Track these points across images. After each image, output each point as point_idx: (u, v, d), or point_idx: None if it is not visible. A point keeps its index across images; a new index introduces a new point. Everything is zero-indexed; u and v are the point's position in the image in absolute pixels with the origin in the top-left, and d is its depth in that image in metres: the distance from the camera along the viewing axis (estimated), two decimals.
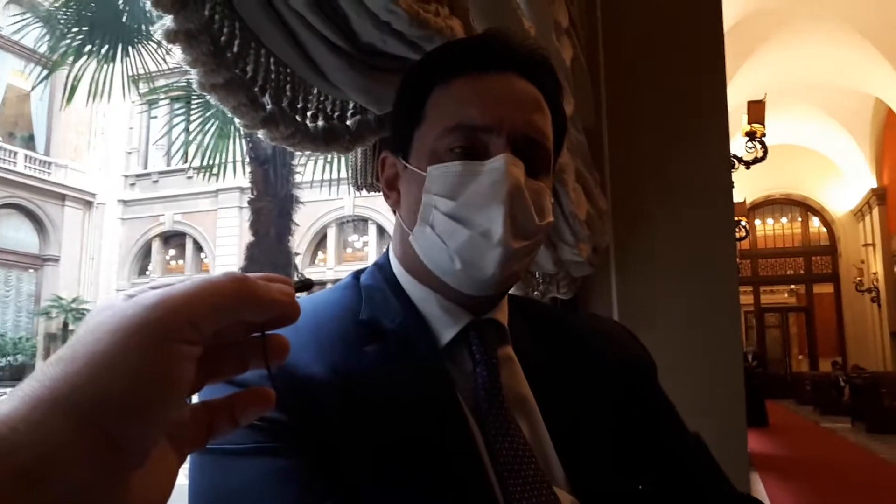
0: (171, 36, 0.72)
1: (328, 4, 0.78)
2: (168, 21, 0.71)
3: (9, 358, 19.54)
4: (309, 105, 0.89)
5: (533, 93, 0.76)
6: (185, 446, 0.41)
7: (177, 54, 0.75)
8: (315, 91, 0.90)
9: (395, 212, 0.80)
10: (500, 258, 0.69)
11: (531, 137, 0.73)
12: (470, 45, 0.80)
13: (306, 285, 0.48)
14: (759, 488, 6.25)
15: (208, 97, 0.80)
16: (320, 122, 0.91)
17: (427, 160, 0.73)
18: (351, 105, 0.95)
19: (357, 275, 0.82)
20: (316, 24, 0.78)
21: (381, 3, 0.76)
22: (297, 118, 0.87)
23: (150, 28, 8.07)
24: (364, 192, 1.23)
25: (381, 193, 0.83)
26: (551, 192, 0.78)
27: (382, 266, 0.81)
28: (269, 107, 0.83)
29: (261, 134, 0.84)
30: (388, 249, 0.84)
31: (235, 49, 0.78)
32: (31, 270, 21.21)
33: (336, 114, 0.93)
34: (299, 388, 0.64)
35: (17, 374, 19.89)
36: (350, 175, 1.22)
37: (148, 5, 0.70)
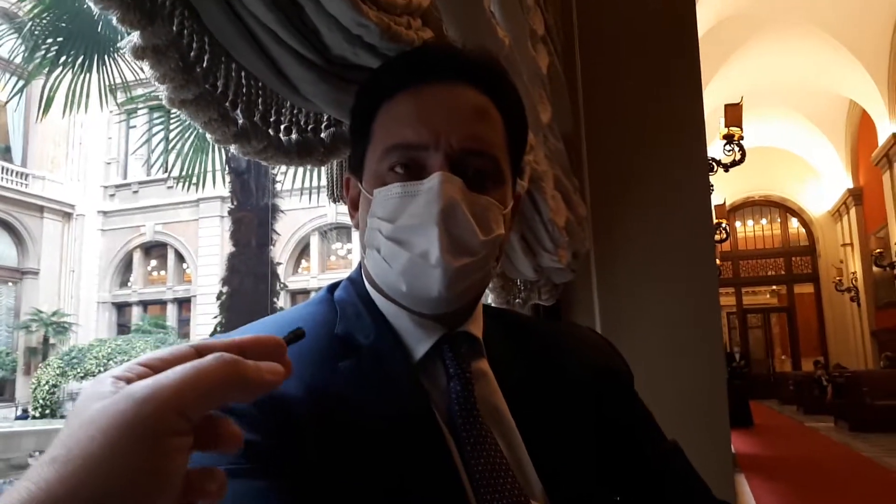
0: (139, 52, 0.71)
1: (298, 18, 0.77)
2: (135, 37, 0.71)
3: None
4: (282, 119, 0.88)
5: (477, 101, 0.75)
6: None
7: (147, 69, 0.74)
8: (288, 104, 0.89)
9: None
10: (441, 278, 0.68)
11: (472, 149, 0.72)
12: (410, 58, 0.78)
13: (298, 336, 0.50)
14: (744, 489, 6.29)
15: (178, 112, 0.79)
16: (293, 136, 0.90)
17: (373, 183, 0.73)
18: (325, 118, 0.94)
19: (331, 289, 0.82)
20: (286, 38, 0.78)
21: (351, 17, 0.76)
22: (270, 132, 0.87)
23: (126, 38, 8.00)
24: (342, 203, 1.22)
25: (348, 213, 0.83)
26: (509, 202, 0.77)
27: (355, 280, 0.81)
28: (240, 121, 0.82)
29: (233, 149, 0.83)
30: (360, 263, 0.83)
31: (205, 64, 0.77)
32: (10, 284, 20.91)
33: (310, 127, 0.93)
34: (273, 408, 0.63)
35: None
36: (327, 187, 1.22)
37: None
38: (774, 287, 20.72)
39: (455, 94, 0.74)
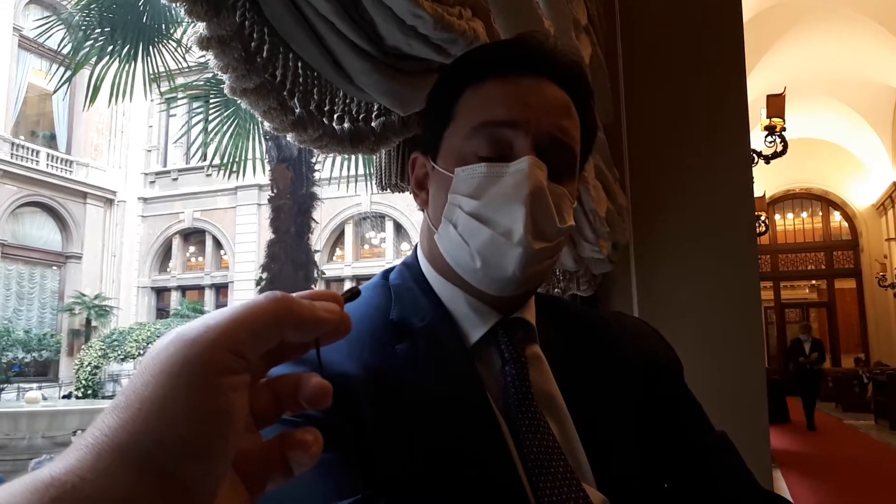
0: (204, 42, 0.73)
1: (355, 10, 0.79)
2: (201, 28, 0.73)
3: (34, 354, 19.83)
4: (335, 108, 0.91)
5: (562, 98, 0.76)
6: (260, 480, 0.40)
7: (208, 59, 0.77)
8: (340, 94, 0.91)
9: (423, 211, 0.81)
10: (519, 258, 0.70)
11: (557, 138, 0.74)
12: (502, 49, 0.80)
13: (354, 294, 0.48)
14: (781, 485, 6.21)
15: (238, 101, 0.82)
16: (346, 125, 0.93)
17: (454, 162, 0.74)
18: (375, 107, 0.96)
19: (386, 274, 0.83)
20: (343, 29, 0.80)
21: (406, 7, 0.78)
22: (325, 121, 0.89)
23: (170, 27, 8.16)
24: (388, 191, 1.25)
25: (411, 192, 0.84)
26: (576, 197, 0.78)
27: (411, 265, 0.82)
28: (297, 110, 0.85)
29: (290, 137, 0.85)
30: (416, 248, 0.85)
31: (265, 54, 0.80)
32: (54, 267, 21.48)
33: (361, 116, 0.95)
34: (333, 387, 0.65)
35: (42, 370, 20.20)
36: (375, 175, 1.24)
37: (175, 9, 0.71)
38: (814, 282, 20.27)
39: (544, 88, 0.75)
